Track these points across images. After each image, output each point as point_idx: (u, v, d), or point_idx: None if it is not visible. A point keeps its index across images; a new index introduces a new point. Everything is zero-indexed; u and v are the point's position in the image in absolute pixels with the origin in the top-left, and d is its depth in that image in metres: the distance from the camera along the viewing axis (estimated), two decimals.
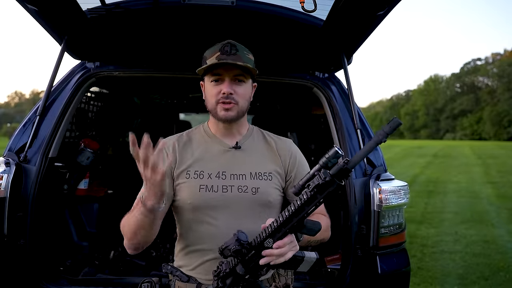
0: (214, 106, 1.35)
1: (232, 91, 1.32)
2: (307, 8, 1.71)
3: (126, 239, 1.29)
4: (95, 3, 1.85)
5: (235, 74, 1.33)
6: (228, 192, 1.35)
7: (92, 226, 2.77)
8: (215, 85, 1.34)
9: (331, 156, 0.99)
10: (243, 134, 1.45)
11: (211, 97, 1.35)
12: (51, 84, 2.08)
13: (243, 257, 1.13)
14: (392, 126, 0.93)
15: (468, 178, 11.73)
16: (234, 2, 1.84)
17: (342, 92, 2.26)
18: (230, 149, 1.41)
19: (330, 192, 1.01)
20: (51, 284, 1.90)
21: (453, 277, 3.85)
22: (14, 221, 1.81)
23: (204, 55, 1.39)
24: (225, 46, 1.34)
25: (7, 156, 1.93)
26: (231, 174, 1.37)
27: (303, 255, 1.18)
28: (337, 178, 0.99)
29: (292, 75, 2.30)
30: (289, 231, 1.09)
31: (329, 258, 2.45)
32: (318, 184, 1.00)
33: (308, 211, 1.05)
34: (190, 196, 1.34)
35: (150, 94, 3.98)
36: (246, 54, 1.37)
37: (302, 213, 1.06)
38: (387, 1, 1.62)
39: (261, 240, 1.11)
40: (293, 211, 1.06)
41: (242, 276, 1.15)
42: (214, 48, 1.36)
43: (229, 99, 1.32)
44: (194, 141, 1.44)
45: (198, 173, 1.36)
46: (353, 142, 2.08)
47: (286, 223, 1.08)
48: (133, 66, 2.26)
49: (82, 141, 2.78)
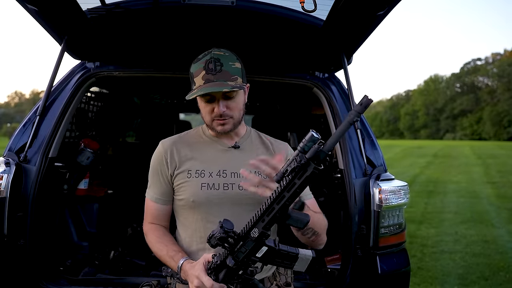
0: (210, 122, 1.40)
1: (224, 109, 1.35)
2: (307, 8, 1.71)
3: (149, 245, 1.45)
4: (95, 3, 1.85)
5: (225, 92, 1.34)
6: (229, 189, 1.38)
7: (92, 226, 2.77)
8: (208, 104, 1.37)
9: (307, 140, 0.98)
10: (241, 135, 1.49)
11: (206, 115, 1.39)
12: (51, 84, 2.07)
13: (231, 248, 1.13)
14: (364, 104, 0.91)
15: (468, 178, 11.73)
16: (234, 2, 1.83)
17: (342, 92, 2.26)
18: (230, 149, 1.44)
19: (309, 177, 0.98)
20: (51, 284, 1.90)
21: (453, 277, 3.85)
22: (14, 221, 1.81)
23: (190, 72, 1.41)
24: (209, 63, 1.33)
25: (7, 156, 1.93)
26: (231, 172, 1.40)
27: (297, 251, 1.17)
28: (314, 162, 0.98)
29: (292, 75, 2.30)
30: (273, 220, 1.07)
31: (329, 258, 2.45)
32: (294, 168, 0.99)
33: (288, 198, 1.03)
34: (192, 194, 1.37)
35: (150, 94, 3.98)
36: (231, 65, 1.36)
37: (282, 200, 1.04)
38: (387, 1, 1.62)
39: (247, 230, 1.11)
40: (273, 198, 1.05)
41: (233, 269, 1.15)
42: (198, 65, 1.36)
43: (223, 116, 1.36)
44: (193, 142, 1.47)
45: (199, 172, 1.39)
46: (353, 142, 2.08)
47: (268, 212, 1.07)
48: (133, 66, 2.26)
49: (82, 141, 2.78)
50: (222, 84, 1.31)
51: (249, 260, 1.14)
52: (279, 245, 1.16)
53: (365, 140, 2.10)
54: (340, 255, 2.39)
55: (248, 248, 1.12)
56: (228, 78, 1.33)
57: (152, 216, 1.48)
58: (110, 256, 2.59)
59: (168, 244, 1.39)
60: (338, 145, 2.11)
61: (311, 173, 0.97)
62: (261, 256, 1.14)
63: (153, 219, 1.48)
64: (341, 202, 2.35)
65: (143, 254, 2.57)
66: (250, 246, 1.12)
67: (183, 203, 1.41)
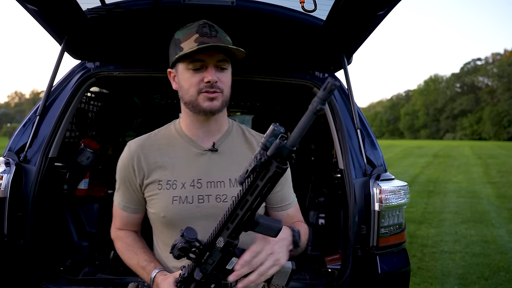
0: (195, 97, 1.17)
1: (217, 79, 1.15)
2: (307, 8, 1.71)
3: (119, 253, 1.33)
4: (95, 3, 1.85)
5: (219, 60, 1.16)
6: (204, 202, 1.19)
7: (92, 226, 2.77)
8: (195, 73, 1.16)
9: (269, 134, 0.82)
10: (223, 132, 1.28)
11: (191, 87, 1.17)
12: (51, 84, 2.07)
13: (197, 260, 1.01)
14: (328, 89, 0.75)
15: (468, 178, 11.73)
16: (234, 2, 1.84)
17: (342, 92, 2.26)
18: (206, 152, 1.23)
19: (272, 178, 0.83)
20: (51, 284, 1.89)
21: (453, 277, 3.85)
22: (14, 221, 1.81)
23: (175, 38, 1.20)
24: (203, 27, 1.16)
25: (7, 156, 1.93)
26: (207, 182, 1.21)
27: (293, 266, 1.05)
28: (276, 160, 0.82)
29: (292, 75, 2.30)
30: (238, 227, 0.93)
31: (329, 258, 2.46)
32: (255, 168, 0.83)
33: (252, 202, 0.88)
34: (163, 209, 1.20)
35: (150, 94, 3.98)
36: (225, 36, 1.20)
37: (246, 205, 0.89)
38: (387, 1, 1.62)
39: (212, 240, 0.98)
40: (236, 203, 0.91)
41: (202, 283, 1.03)
42: (189, 29, 1.17)
43: (214, 88, 1.15)
44: (163, 144, 1.26)
45: (171, 183, 1.20)
46: (353, 142, 2.08)
47: (232, 218, 0.93)
48: (133, 66, 2.26)
49: (82, 141, 2.78)
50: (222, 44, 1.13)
51: (220, 273, 1.01)
52: None
53: (365, 140, 2.10)
54: (340, 255, 2.40)
55: (215, 260, 0.99)
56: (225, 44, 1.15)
57: (121, 222, 1.34)
58: (110, 256, 2.58)
59: (138, 253, 1.25)
60: (338, 145, 2.11)
61: (274, 172, 0.82)
62: (232, 269, 1.00)
63: (122, 226, 1.34)
64: (341, 202, 2.35)
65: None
66: (217, 257, 0.99)
67: (155, 217, 1.24)
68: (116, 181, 1.31)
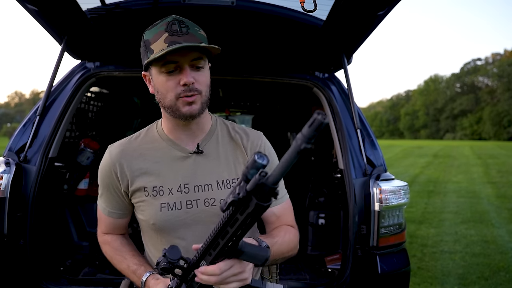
0: (173, 102, 1.10)
1: (193, 80, 1.08)
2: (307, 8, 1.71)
3: (108, 258, 1.29)
4: (95, 3, 1.86)
5: (193, 59, 1.08)
6: (193, 207, 1.15)
7: (92, 226, 2.77)
8: (170, 76, 1.09)
9: (250, 166, 0.73)
10: (206, 131, 1.22)
11: (168, 92, 1.10)
12: (51, 84, 2.08)
13: (182, 278, 0.97)
14: (314, 126, 0.66)
15: (468, 178, 11.73)
16: (234, 2, 1.83)
17: (342, 92, 2.27)
18: (191, 155, 1.18)
19: (253, 214, 0.76)
20: (51, 284, 1.90)
21: (453, 277, 3.85)
22: (14, 221, 1.81)
23: (144, 39, 1.12)
24: (172, 24, 1.07)
25: (7, 156, 1.93)
26: (194, 186, 1.16)
27: (263, 286, 0.98)
28: (257, 196, 0.74)
29: (292, 75, 2.30)
30: (220, 254, 0.89)
31: (329, 258, 2.46)
32: (232, 202, 0.76)
33: (233, 234, 0.82)
34: (152, 217, 1.16)
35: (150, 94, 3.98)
36: (198, 30, 1.11)
37: (227, 236, 0.84)
38: (387, 1, 1.62)
39: (195, 262, 0.95)
40: (216, 232, 0.85)
41: None
42: (157, 28, 1.09)
43: (192, 91, 1.08)
44: (145, 148, 1.21)
45: (157, 190, 1.16)
46: (353, 142, 2.08)
47: (213, 246, 0.88)
48: (133, 66, 2.26)
49: (82, 141, 2.78)
50: (194, 42, 1.06)
51: None
52: None
53: (365, 140, 2.10)
54: (340, 255, 2.40)
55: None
56: (198, 42, 1.07)
57: (107, 227, 1.29)
58: None
59: (127, 257, 1.22)
60: (338, 145, 2.11)
61: (253, 209, 0.75)
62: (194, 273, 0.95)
63: (108, 230, 1.29)
64: (341, 202, 2.35)
65: (143, 254, 2.57)
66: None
67: (144, 223, 1.20)
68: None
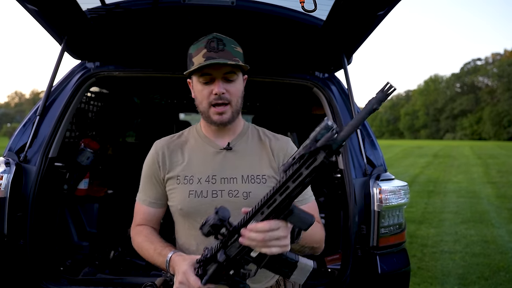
0: (206, 109, 1.29)
1: (224, 91, 1.26)
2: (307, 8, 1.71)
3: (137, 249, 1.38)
4: (95, 3, 1.85)
5: (226, 72, 1.26)
6: (218, 197, 1.28)
7: (92, 226, 2.77)
8: (205, 86, 1.27)
9: (321, 128, 0.84)
10: (237, 133, 1.38)
11: (203, 99, 1.29)
12: (51, 84, 2.08)
13: (224, 240, 1.02)
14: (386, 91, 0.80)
15: (468, 178, 11.73)
16: (234, 2, 1.84)
17: (342, 92, 2.26)
18: (221, 151, 1.34)
19: (317, 168, 0.84)
20: (51, 284, 1.90)
21: (453, 277, 3.85)
22: (14, 221, 1.81)
23: (189, 53, 1.32)
24: (211, 42, 1.26)
25: (7, 156, 1.93)
26: (221, 178, 1.30)
27: (297, 259, 1.04)
28: (325, 151, 0.84)
29: (292, 75, 2.30)
30: (273, 214, 0.94)
31: (329, 258, 2.46)
32: (303, 155, 0.85)
33: (293, 189, 0.89)
34: (180, 201, 1.30)
35: (150, 94, 3.98)
36: (234, 47, 1.30)
37: (286, 191, 0.90)
38: (387, 1, 1.62)
39: (243, 223, 0.99)
40: (276, 188, 0.91)
41: (224, 266, 1.04)
42: (199, 45, 1.28)
43: (222, 99, 1.26)
44: (185, 143, 1.39)
45: (188, 178, 1.31)
46: (353, 142, 2.08)
47: (268, 203, 0.93)
48: (133, 66, 2.27)
49: (82, 141, 2.78)
50: (226, 58, 1.24)
51: (242, 259, 1.02)
52: None
53: (365, 140, 2.10)
54: (340, 255, 2.39)
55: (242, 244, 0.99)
56: (230, 58, 1.25)
57: (143, 219, 1.41)
58: (110, 256, 2.59)
59: (155, 242, 1.31)
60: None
61: (320, 163, 0.83)
62: (256, 257, 1.01)
63: (144, 222, 1.41)
64: (341, 202, 2.35)
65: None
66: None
67: (174, 209, 1.35)
68: (140, 182, 1.41)
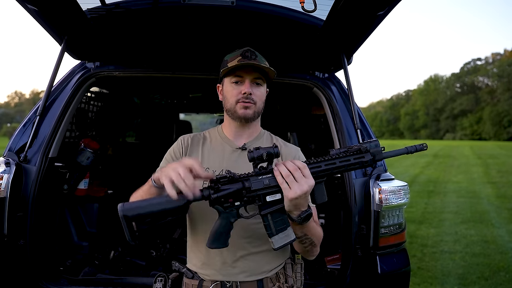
0: (233, 105, 1.43)
1: (251, 92, 1.41)
2: (307, 8, 1.71)
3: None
4: (95, 3, 1.85)
5: (255, 77, 1.42)
6: None
7: (92, 226, 2.77)
8: (236, 86, 1.43)
9: (371, 144, 1.17)
10: (254, 136, 1.52)
11: (231, 97, 1.43)
12: (51, 84, 2.07)
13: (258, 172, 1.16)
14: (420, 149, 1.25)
15: (468, 178, 11.74)
16: (234, 2, 1.83)
17: (342, 92, 2.26)
18: (237, 150, 1.47)
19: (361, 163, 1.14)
20: (51, 284, 1.90)
21: (453, 277, 3.85)
22: (14, 221, 1.81)
23: (224, 59, 1.49)
24: (245, 52, 1.44)
25: (7, 156, 1.93)
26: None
27: (289, 225, 1.18)
28: (372, 155, 1.15)
29: (292, 75, 2.30)
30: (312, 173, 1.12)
31: (329, 258, 2.46)
32: (357, 150, 1.16)
33: (336, 167, 1.15)
34: None
35: (150, 94, 3.98)
36: (263, 60, 1.47)
37: (331, 165, 1.15)
38: (387, 1, 1.62)
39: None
40: (325, 159, 1.14)
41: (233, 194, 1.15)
42: (235, 53, 1.46)
43: (248, 99, 1.41)
44: (206, 140, 1.53)
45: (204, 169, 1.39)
46: (353, 142, 2.08)
47: (312, 165, 1.14)
48: (133, 66, 2.26)
49: (82, 141, 2.78)
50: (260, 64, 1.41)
51: (257, 196, 1.15)
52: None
53: (365, 140, 2.09)
54: (340, 255, 2.39)
55: (270, 184, 1.13)
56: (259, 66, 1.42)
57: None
58: (110, 256, 2.59)
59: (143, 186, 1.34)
60: (338, 145, 2.12)
61: (365, 160, 1.15)
62: (269, 201, 1.15)
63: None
64: (341, 202, 2.35)
65: (143, 254, 2.58)
66: (273, 183, 1.13)
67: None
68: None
